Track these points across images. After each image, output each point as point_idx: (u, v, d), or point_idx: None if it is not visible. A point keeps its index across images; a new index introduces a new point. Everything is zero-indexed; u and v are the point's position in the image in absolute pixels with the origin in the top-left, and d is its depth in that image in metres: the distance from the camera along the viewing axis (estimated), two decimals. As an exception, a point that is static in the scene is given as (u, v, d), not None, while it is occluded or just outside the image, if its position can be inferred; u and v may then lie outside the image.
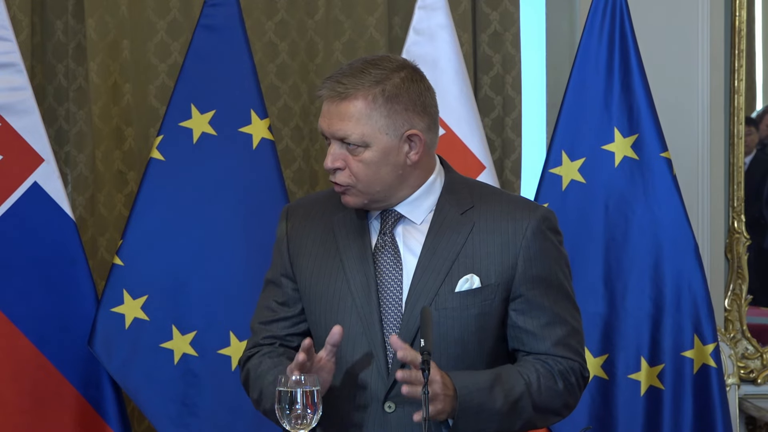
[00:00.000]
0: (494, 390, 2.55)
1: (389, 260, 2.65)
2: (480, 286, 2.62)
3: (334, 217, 2.71)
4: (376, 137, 2.58)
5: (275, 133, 4.04)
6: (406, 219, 2.67)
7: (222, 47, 3.84)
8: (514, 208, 2.66)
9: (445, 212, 2.66)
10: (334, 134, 2.59)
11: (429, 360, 2.40)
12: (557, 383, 2.62)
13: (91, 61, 4.20)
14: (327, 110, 2.60)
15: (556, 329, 2.65)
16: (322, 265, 2.68)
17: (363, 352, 2.62)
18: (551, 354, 2.64)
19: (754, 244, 4.68)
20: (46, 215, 3.74)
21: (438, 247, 2.63)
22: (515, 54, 4.45)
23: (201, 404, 3.77)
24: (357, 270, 2.64)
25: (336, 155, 2.60)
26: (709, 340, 3.81)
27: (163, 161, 3.81)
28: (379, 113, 2.58)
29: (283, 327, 2.74)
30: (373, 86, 2.58)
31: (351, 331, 2.62)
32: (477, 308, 2.62)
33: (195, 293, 3.79)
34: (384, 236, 2.66)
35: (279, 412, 2.40)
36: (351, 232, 2.68)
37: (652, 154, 3.86)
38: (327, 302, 2.66)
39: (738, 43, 4.60)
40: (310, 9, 4.43)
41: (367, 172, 2.59)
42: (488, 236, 2.63)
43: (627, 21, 3.89)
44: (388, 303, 2.63)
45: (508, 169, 4.46)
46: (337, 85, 2.58)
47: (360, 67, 2.61)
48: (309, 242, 2.71)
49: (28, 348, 3.70)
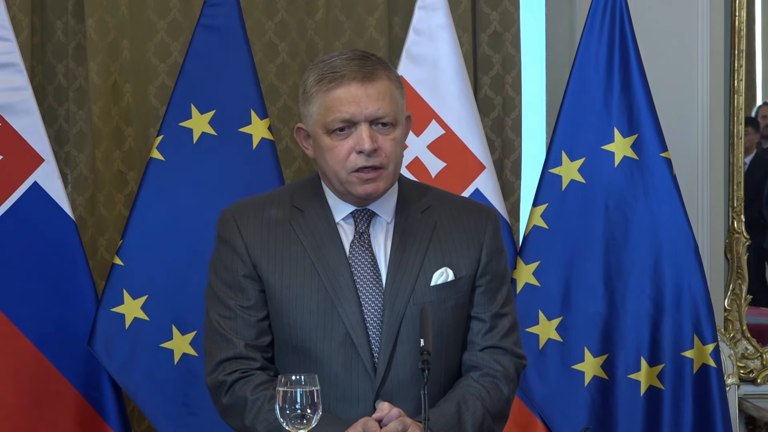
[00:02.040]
0: (462, 421, 2.62)
1: (365, 259, 2.67)
2: (454, 279, 2.68)
3: (291, 219, 2.70)
4: (401, 116, 2.65)
5: (275, 133, 4.04)
6: (377, 217, 2.70)
7: (222, 47, 3.84)
8: (469, 207, 2.78)
9: (407, 211, 2.71)
10: (372, 114, 2.60)
11: (429, 360, 2.41)
12: (503, 391, 2.70)
13: (91, 61, 4.20)
14: (353, 94, 2.59)
15: (504, 321, 2.73)
16: (292, 268, 2.66)
17: (349, 353, 2.63)
18: (499, 346, 2.71)
19: (754, 244, 4.68)
20: (46, 215, 3.73)
21: (407, 243, 2.67)
22: (515, 54, 4.45)
23: (201, 404, 3.77)
24: (333, 271, 2.64)
25: (372, 136, 2.60)
26: (709, 340, 3.81)
27: (163, 161, 3.81)
28: (399, 93, 2.65)
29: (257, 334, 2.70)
30: (387, 69, 2.65)
31: (335, 334, 2.63)
32: (453, 300, 2.67)
33: (195, 293, 3.77)
34: (361, 236, 2.68)
35: (279, 412, 2.40)
36: (318, 234, 2.67)
37: (652, 154, 3.86)
38: (304, 305, 2.65)
39: (738, 43, 4.60)
40: (310, 9, 4.43)
41: (397, 151, 2.65)
42: (451, 232, 2.70)
43: (627, 21, 3.90)
44: (369, 302, 2.65)
45: (508, 169, 4.46)
46: (361, 68, 2.60)
47: (359, 54, 2.65)
48: (270, 244, 2.68)
49: (28, 348, 3.70)
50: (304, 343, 2.65)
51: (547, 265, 3.86)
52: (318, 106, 2.62)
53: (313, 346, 2.65)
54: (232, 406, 2.70)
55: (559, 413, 3.83)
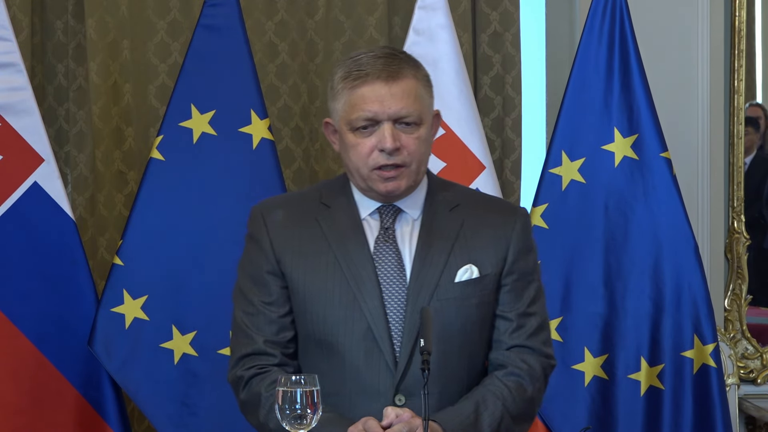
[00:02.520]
0: (479, 421, 2.60)
1: (390, 255, 2.67)
2: (479, 276, 2.67)
3: (317, 216, 2.72)
4: (427, 115, 2.67)
5: (275, 133, 4.04)
6: (403, 214, 2.70)
7: (222, 47, 3.84)
8: (498, 206, 2.79)
9: (434, 208, 2.72)
10: (397, 112, 2.61)
11: (429, 360, 2.41)
12: (527, 391, 2.68)
13: (91, 61, 4.20)
14: (377, 92, 2.61)
15: (531, 320, 2.72)
16: (316, 264, 2.69)
17: (370, 348, 2.64)
18: (525, 345, 2.70)
19: (754, 244, 4.68)
20: (46, 215, 3.73)
21: (433, 240, 2.68)
22: (515, 54, 4.45)
23: (201, 404, 3.77)
24: (357, 266, 2.66)
25: (395, 135, 2.62)
26: (709, 340, 3.81)
27: (163, 161, 3.81)
28: (426, 92, 2.67)
29: (278, 330, 2.72)
30: (414, 67, 2.67)
31: (357, 328, 2.64)
32: (477, 298, 2.67)
33: (195, 293, 3.79)
34: (386, 231, 2.69)
35: (279, 412, 2.40)
36: (343, 230, 2.70)
37: (652, 154, 3.86)
38: (327, 300, 2.67)
39: (738, 43, 4.60)
40: (310, 9, 4.43)
41: (421, 150, 2.65)
42: (479, 229, 2.70)
43: (627, 21, 3.90)
44: (392, 297, 2.65)
45: (508, 169, 4.46)
46: (386, 67, 2.61)
47: (388, 51, 2.66)
48: (295, 240, 2.71)
49: (28, 348, 3.69)
50: (326, 337, 2.67)
51: (547, 265, 3.85)
52: (343, 103, 2.64)
53: (334, 340, 2.66)
54: (248, 402, 2.73)
55: (559, 413, 3.83)
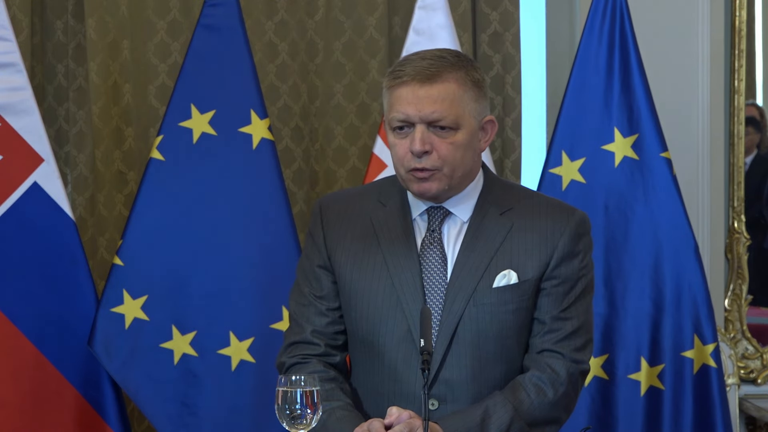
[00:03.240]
0: (486, 424, 2.58)
1: (435, 258, 2.67)
2: (517, 282, 2.65)
3: (372, 213, 2.73)
4: (467, 120, 2.63)
5: (275, 133, 4.04)
6: (453, 216, 2.70)
7: (222, 47, 3.84)
8: (553, 209, 2.72)
9: (485, 210, 2.69)
10: (427, 117, 2.60)
11: (429, 360, 2.41)
12: (547, 395, 2.65)
13: (91, 61, 4.20)
14: (412, 94, 2.60)
15: (566, 324, 2.68)
16: (364, 261, 2.69)
17: (409, 349, 2.64)
18: (553, 351, 2.66)
19: (754, 244, 4.68)
20: (46, 215, 3.73)
21: (477, 244, 2.66)
22: (515, 54, 4.45)
23: (201, 404, 3.77)
24: (403, 267, 2.66)
25: (425, 138, 2.61)
26: (709, 340, 3.81)
27: (163, 161, 3.81)
28: (469, 96, 2.63)
29: (328, 323, 2.74)
30: (459, 70, 2.63)
31: (396, 329, 2.64)
32: (515, 304, 2.65)
33: (195, 293, 3.79)
34: (432, 233, 2.68)
35: (279, 412, 2.40)
36: (394, 229, 2.70)
37: (652, 154, 3.86)
38: (371, 299, 2.68)
39: (738, 43, 4.60)
40: (310, 9, 4.43)
41: (456, 155, 2.62)
42: (526, 234, 2.67)
43: (627, 21, 3.89)
44: (434, 299, 2.65)
45: (508, 169, 4.46)
46: (424, 69, 2.60)
47: (437, 53, 2.65)
48: (347, 237, 2.72)
49: (28, 348, 3.69)
50: (369, 336, 2.68)
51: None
52: (386, 102, 2.66)
53: (375, 340, 2.67)
54: None
55: (559, 413, 3.82)
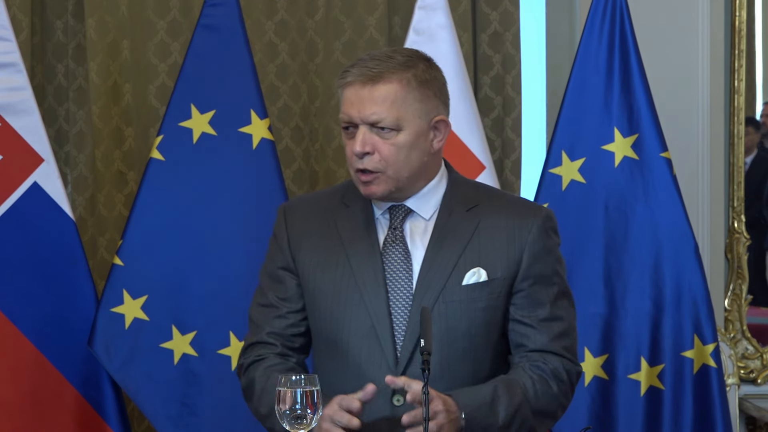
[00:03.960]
0: (495, 404, 2.58)
1: (398, 255, 2.67)
2: (487, 280, 2.65)
3: (335, 214, 2.73)
4: (410, 121, 2.62)
5: (275, 133, 4.04)
6: (415, 214, 2.70)
7: (222, 47, 3.84)
8: (518, 207, 2.72)
9: (450, 208, 2.69)
10: (367, 118, 2.60)
11: (429, 360, 2.41)
12: (551, 386, 2.65)
13: (91, 61, 4.20)
14: (356, 95, 2.60)
15: (553, 325, 2.68)
16: (327, 260, 2.70)
17: (372, 347, 2.64)
18: (548, 350, 2.66)
19: (754, 244, 4.68)
20: (46, 215, 3.73)
21: (445, 241, 2.66)
22: (515, 54, 4.45)
23: (201, 404, 3.77)
24: (365, 265, 2.66)
25: (366, 140, 2.61)
26: (709, 340, 3.81)
27: (163, 161, 3.81)
28: (413, 97, 2.61)
29: (287, 325, 2.75)
30: (405, 70, 2.61)
31: (360, 327, 2.65)
32: (484, 301, 2.65)
33: (195, 293, 3.78)
34: (394, 231, 2.68)
35: (279, 412, 2.40)
36: (357, 228, 2.70)
37: (652, 154, 3.86)
38: (334, 297, 2.68)
39: (738, 43, 4.60)
40: (310, 9, 4.43)
41: (399, 157, 2.62)
42: (494, 232, 2.67)
43: (627, 21, 3.89)
44: (398, 297, 2.65)
45: (508, 169, 4.46)
46: (368, 70, 2.60)
47: (385, 53, 2.64)
48: (311, 238, 2.73)
49: (28, 348, 3.69)
50: (332, 335, 2.68)
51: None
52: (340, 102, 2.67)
53: (339, 338, 2.67)
54: (246, 389, 2.76)
55: (559, 413, 3.82)
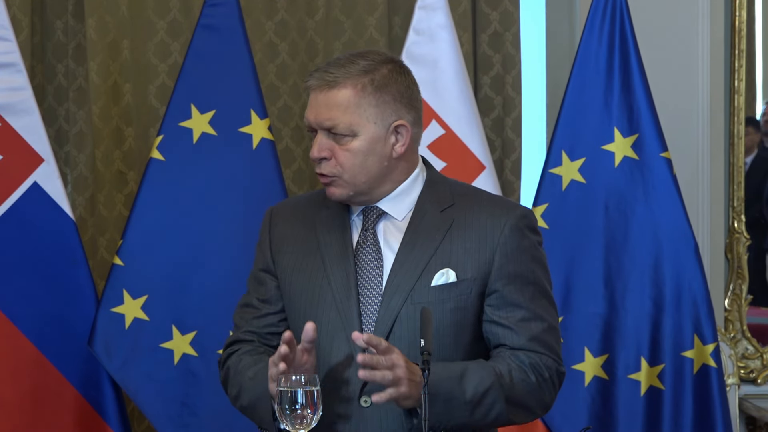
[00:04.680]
0: (464, 380, 2.56)
1: (370, 256, 2.67)
2: (456, 281, 2.64)
3: (317, 215, 2.74)
4: (364, 126, 2.61)
5: (275, 133, 4.04)
6: (388, 215, 2.70)
7: (222, 47, 3.84)
8: (493, 206, 2.69)
9: (425, 209, 2.68)
10: (322, 123, 2.61)
11: (429, 360, 2.41)
12: (529, 376, 2.63)
13: (91, 61, 4.20)
14: (314, 100, 2.62)
15: (531, 325, 2.66)
16: (304, 262, 2.70)
17: (341, 347, 2.63)
18: (526, 349, 2.65)
19: (754, 244, 4.68)
20: (46, 215, 3.73)
21: (416, 243, 2.65)
22: (515, 54, 4.45)
23: (201, 404, 3.78)
24: (337, 266, 2.66)
25: (322, 145, 2.62)
26: (709, 340, 3.81)
27: (163, 161, 3.81)
28: (367, 102, 2.61)
29: (264, 324, 2.75)
30: (362, 75, 2.61)
31: (330, 327, 2.64)
32: (452, 302, 2.63)
33: (195, 293, 3.79)
34: (366, 232, 2.68)
35: (279, 412, 2.40)
36: (332, 229, 2.70)
37: (652, 154, 3.86)
38: (307, 298, 2.68)
39: (738, 43, 4.60)
40: (310, 9, 4.43)
41: (354, 162, 2.62)
42: (466, 232, 2.65)
43: (627, 21, 3.90)
44: (368, 298, 2.65)
45: (508, 169, 4.46)
46: (325, 75, 2.61)
47: (348, 58, 2.64)
48: (291, 240, 2.74)
49: (28, 348, 3.69)
50: None
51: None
52: None
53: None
54: (224, 382, 2.76)
55: (559, 413, 3.82)
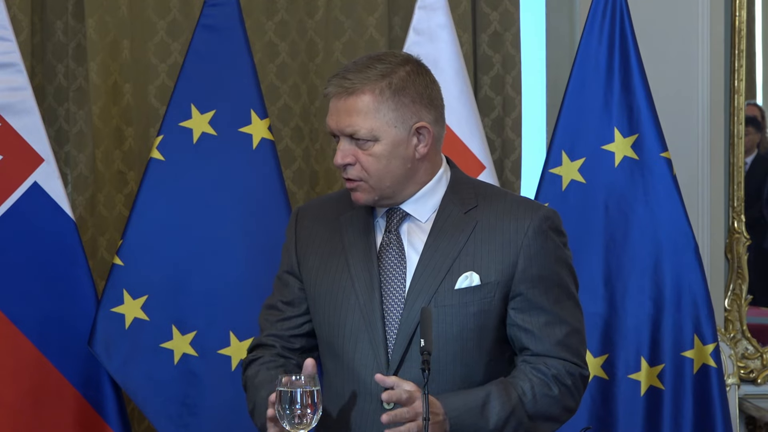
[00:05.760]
0: (486, 408, 2.57)
1: (394, 258, 2.67)
2: (479, 284, 2.63)
3: (342, 216, 2.74)
4: (385, 130, 2.61)
5: (275, 133, 4.04)
6: (412, 217, 2.69)
7: (222, 47, 3.84)
8: (517, 208, 2.68)
9: (448, 211, 2.68)
10: (343, 130, 2.61)
11: (429, 360, 2.41)
12: (552, 389, 2.63)
13: (91, 61, 4.20)
14: (334, 107, 2.62)
15: (555, 329, 2.65)
16: (328, 264, 2.70)
17: (364, 350, 2.64)
18: (550, 355, 2.64)
19: (754, 244, 4.68)
20: (46, 215, 3.73)
21: (440, 245, 2.65)
22: (515, 54, 4.45)
23: (201, 404, 3.77)
24: (361, 268, 2.66)
25: (346, 151, 2.62)
26: (709, 340, 3.81)
27: (163, 161, 3.81)
28: (387, 106, 2.61)
29: (287, 327, 2.76)
30: (380, 80, 2.61)
31: (353, 329, 2.65)
32: (476, 306, 2.63)
33: (195, 293, 3.79)
34: (389, 234, 2.68)
35: (279, 412, 2.41)
36: (357, 231, 2.70)
37: (652, 154, 3.86)
38: (331, 300, 2.68)
39: (738, 43, 4.60)
40: (310, 9, 4.43)
41: (378, 166, 2.62)
42: (490, 235, 2.64)
43: (627, 21, 3.89)
44: (391, 301, 2.65)
45: (508, 169, 4.46)
46: (343, 81, 2.60)
47: (365, 62, 2.63)
48: (317, 241, 2.74)
49: (28, 348, 3.69)
50: (330, 338, 2.69)
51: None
52: None
53: (335, 342, 2.68)
54: (244, 388, 2.77)
55: (559, 413, 3.82)
